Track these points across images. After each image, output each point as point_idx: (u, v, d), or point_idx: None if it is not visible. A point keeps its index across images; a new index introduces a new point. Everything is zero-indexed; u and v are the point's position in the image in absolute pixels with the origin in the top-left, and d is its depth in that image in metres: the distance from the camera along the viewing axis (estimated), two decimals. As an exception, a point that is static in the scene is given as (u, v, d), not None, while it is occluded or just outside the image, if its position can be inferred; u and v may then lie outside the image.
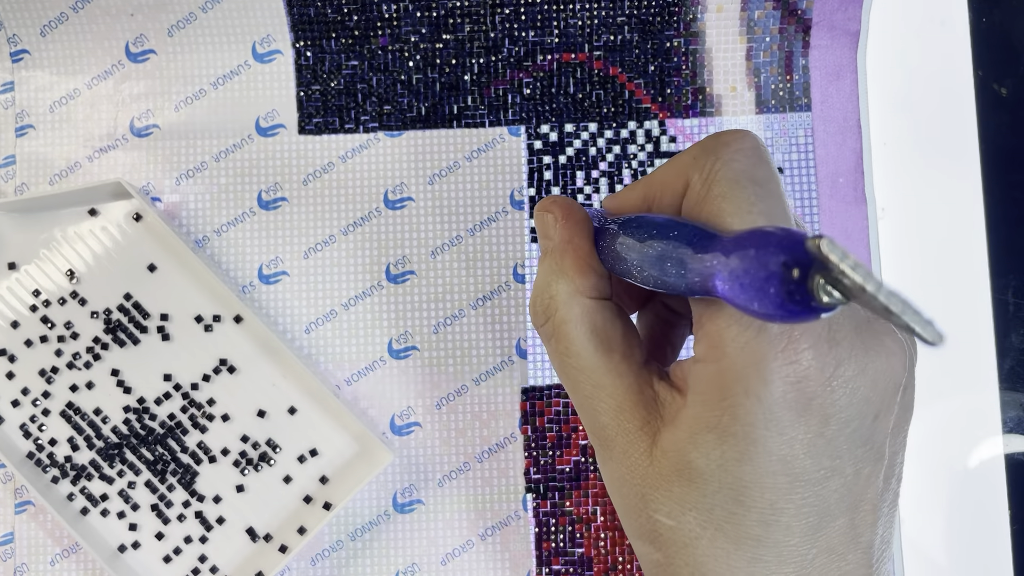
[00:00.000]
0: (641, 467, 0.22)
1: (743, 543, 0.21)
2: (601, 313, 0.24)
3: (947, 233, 0.41)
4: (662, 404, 0.22)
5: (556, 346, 0.24)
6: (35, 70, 0.40)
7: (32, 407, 0.39)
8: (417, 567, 0.39)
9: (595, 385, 0.23)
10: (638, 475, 0.22)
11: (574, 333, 0.24)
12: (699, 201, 0.21)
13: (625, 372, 0.23)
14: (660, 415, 0.22)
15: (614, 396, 0.23)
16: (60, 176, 0.40)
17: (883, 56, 0.41)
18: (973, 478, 0.40)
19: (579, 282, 0.24)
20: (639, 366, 0.23)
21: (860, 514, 0.21)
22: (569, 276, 0.24)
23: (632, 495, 0.22)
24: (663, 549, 0.22)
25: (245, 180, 0.40)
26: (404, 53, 0.40)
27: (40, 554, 0.39)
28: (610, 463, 0.23)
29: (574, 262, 0.24)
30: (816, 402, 0.20)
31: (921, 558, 0.40)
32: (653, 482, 0.22)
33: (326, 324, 0.40)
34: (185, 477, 0.39)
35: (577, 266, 0.24)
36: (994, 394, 0.40)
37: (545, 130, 0.40)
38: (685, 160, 0.22)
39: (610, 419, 0.23)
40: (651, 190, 0.24)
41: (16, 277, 0.39)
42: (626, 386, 0.23)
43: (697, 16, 0.40)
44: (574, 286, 0.24)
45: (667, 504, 0.22)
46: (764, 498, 0.20)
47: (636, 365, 0.23)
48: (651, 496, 0.22)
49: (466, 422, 0.39)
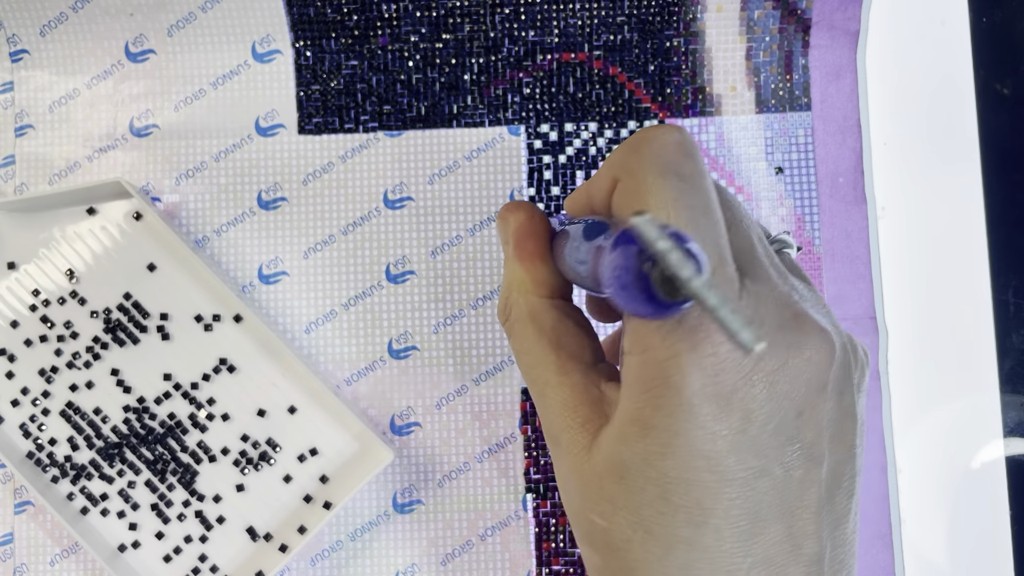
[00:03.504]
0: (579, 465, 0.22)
1: (674, 547, 0.20)
2: (551, 312, 0.24)
3: (947, 233, 0.41)
4: (608, 403, 0.22)
5: (512, 343, 0.25)
6: (35, 70, 0.40)
7: (32, 407, 0.39)
8: (417, 567, 0.39)
9: (544, 382, 0.23)
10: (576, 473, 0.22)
11: (525, 331, 0.24)
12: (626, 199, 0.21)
13: (572, 370, 0.23)
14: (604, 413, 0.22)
15: (559, 393, 0.23)
16: (60, 176, 0.40)
17: (883, 56, 0.41)
18: (974, 480, 0.40)
19: (529, 281, 0.25)
20: (587, 365, 0.23)
21: (798, 523, 0.21)
22: (520, 277, 0.25)
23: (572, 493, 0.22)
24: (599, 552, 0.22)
25: (245, 180, 0.40)
26: (404, 53, 0.40)
27: (40, 554, 0.39)
28: (556, 462, 0.23)
29: (523, 262, 0.25)
30: (737, 396, 0.19)
31: (922, 560, 0.40)
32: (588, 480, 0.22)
33: (326, 324, 0.40)
34: (185, 476, 0.39)
35: (525, 266, 0.25)
36: (995, 396, 0.40)
37: (545, 130, 0.40)
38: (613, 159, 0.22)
39: (555, 416, 0.23)
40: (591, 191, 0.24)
41: (16, 277, 0.39)
42: (572, 384, 0.23)
43: (697, 16, 0.40)
44: (526, 287, 0.25)
45: (600, 503, 0.21)
46: (690, 496, 0.20)
47: (584, 364, 0.23)
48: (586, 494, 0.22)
49: (466, 422, 0.39)
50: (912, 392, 0.40)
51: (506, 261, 0.26)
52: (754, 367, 0.19)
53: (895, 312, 0.40)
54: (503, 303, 0.26)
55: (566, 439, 0.22)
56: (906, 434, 0.40)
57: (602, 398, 0.22)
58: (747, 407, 0.19)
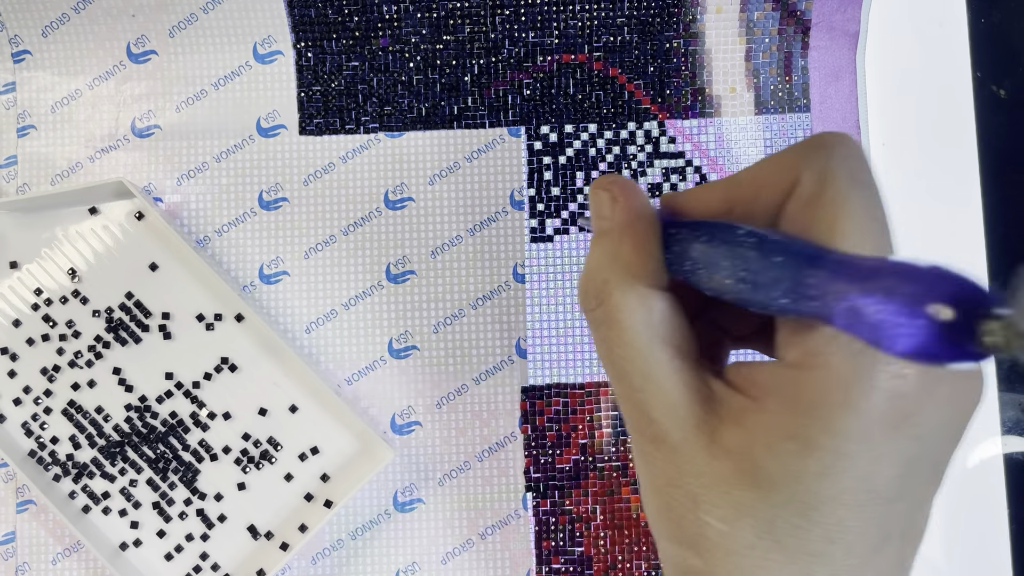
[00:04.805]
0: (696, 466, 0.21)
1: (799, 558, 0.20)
2: (659, 304, 0.22)
3: (946, 233, 0.41)
4: (720, 403, 0.21)
5: (607, 333, 0.22)
6: (37, 71, 0.41)
7: (34, 405, 0.39)
8: (417, 566, 0.39)
9: (646, 378, 0.22)
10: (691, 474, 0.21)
11: (628, 322, 0.22)
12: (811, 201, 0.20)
13: (681, 367, 0.22)
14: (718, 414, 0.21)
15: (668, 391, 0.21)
16: (61, 176, 0.41)
17: (882, 57, 0.41)
18: (972, 478, 0.40)
19: (638, 269, 0.22)
20: (695, 362, 0.22)
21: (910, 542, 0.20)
22: (626, 261, 0.22)
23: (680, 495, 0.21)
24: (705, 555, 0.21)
25: (246, 180, 0.40)
26: (405, 54, 0.40)
27: (42, 553, 0.39)
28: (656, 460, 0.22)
29: (633, 247, 0.22)
30: (911, 420, 0.19)
31: (920, 558, 0.40)
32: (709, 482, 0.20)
33: (327, 324, 0.40)
34: (186, 475, 0.39)
35: (637, 252, 0.22)
36: (992, 395, 0.40)
37: (545, 131, 0.40)
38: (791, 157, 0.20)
39: (662, 414, 0.21)
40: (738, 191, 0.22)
41: (18, 276, 0.40)
42: (683, 382, 0.21)
43: (696, 17, 0.40)
44: (632, 272, 0.22)
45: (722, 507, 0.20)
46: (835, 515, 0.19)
47: (692, 361, 0.22)
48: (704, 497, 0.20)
49: (466, 421, 0.40)
50: (910, 392, 0.40)
51: (597, 241, 0.23)
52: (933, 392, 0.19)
53: (893, 312, 0.40)
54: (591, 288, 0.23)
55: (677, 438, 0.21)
56: (904, 434, 0.40)
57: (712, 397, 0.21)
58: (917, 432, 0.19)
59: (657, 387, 0.21)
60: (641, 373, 0.22)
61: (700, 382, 0.21)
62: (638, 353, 0.22)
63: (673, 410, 0.21)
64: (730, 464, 0.20)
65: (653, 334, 0.22)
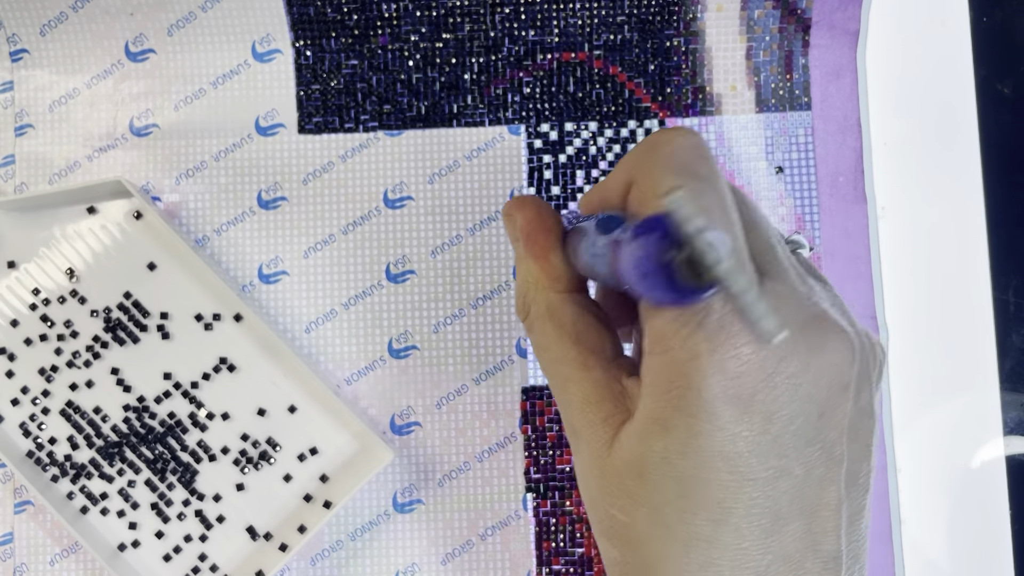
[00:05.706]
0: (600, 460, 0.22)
1: (693, 544, 0.20)
2: (569, 307, 0.24)
3: (947, 233, 0.41)
4: (629, 399, 0.22)
5: (533, 340, 0.25)
6: (34, 69, 0.40)
7: (32, 406, 0.39)
8: (417, 567, 0.39)
9: (565, 378, 0.23)
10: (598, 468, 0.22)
11: (545, 327, 0.24)
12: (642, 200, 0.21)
13: (593, 365, 0.23)
14: (626, 408, 0.22)
15: (581, 388, 0.23)
16: (60, 175, 0.40)
17: (883, 55, 0.41)
18: (974, 479, 0.40)
19: (543, 278, 0.24)
20: (608, 360, 0.23)
21: (817, 520, 0.21)
22: (535, 273, 0.25)
23: (593, 488, 0.22)
24: (619, 547, 0.22)
25: (245, 179, 0.40)
26: (404, 52, 0.40)
27: (40, 554, 0.39)
28: (577, 456, 0.23)
29: (534, 258, 0.25)
30: (758, 398, 0.19)
31: (922, 560, 0.40)
32: (609, 475, 0.22)
33: (326, 323, 0.40)
34: (185, 476, 0.39)
35: (537, 262, 0.25)
36: (995, 395, 0.40)
37: (545, 129, 0.40)
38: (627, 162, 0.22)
39: (576, 411, 0.23)
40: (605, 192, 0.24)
41: (16, 276, 0.39)
42: (593, 379, 0.23)
43: (697, 15, 0.40)
44: (541, 283, 0.25)
45: (620, 498, 0.21)
46: (710, 495, 0.20)
47: (605, 359, 0.23)
48: (607, 489, 0.22)
49: (466, 422, 0.39)
50: (912, 391, 0.40)
51: (518, 258, 0.26)
52: (775, 369, 0.19)
53: (895, 311, 0.40)
54: (520, 300, 0.25)
55: (587, 434, 0.22)
56: (906, 433, 0.40)
57: (624, 393, 0.22)
58: (768, 409, 0.19)
59: (574, 386, 0.23)
60: (560, 374, 0.24)
61: (612, 379, 0.23)
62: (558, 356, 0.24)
63: (584, 407, 0.23)
64: (622, 455, 0.21)
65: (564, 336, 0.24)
